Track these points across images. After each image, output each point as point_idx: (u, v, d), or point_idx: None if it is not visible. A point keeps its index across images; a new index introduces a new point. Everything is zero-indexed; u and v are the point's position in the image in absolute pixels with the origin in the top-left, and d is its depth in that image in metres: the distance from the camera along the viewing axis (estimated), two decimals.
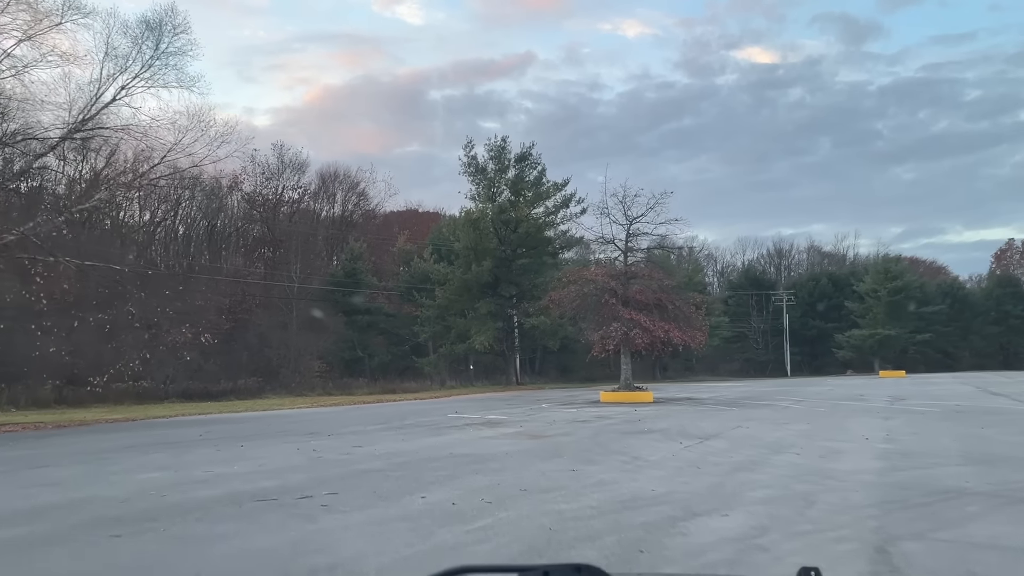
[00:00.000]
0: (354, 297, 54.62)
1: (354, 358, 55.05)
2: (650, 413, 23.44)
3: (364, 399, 36.71)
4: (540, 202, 46.74)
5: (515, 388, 46.80)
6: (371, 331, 56.52)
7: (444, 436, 16.72)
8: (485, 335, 43.85)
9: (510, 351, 48.61)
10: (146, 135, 29.14)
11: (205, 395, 42.72)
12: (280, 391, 45.98)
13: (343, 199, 68.79)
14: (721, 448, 13.50)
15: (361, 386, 50.38)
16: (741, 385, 50.35)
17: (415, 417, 22.81)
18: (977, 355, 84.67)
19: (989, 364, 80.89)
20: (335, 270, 55.13)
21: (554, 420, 21.02)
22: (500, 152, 46.79)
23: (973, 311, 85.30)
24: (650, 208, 30.59)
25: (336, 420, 22.54)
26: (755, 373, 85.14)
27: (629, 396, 30.11)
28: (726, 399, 31.40)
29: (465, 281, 45.33)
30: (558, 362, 68.39)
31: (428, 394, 42.49)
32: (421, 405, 31.10)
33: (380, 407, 30.45)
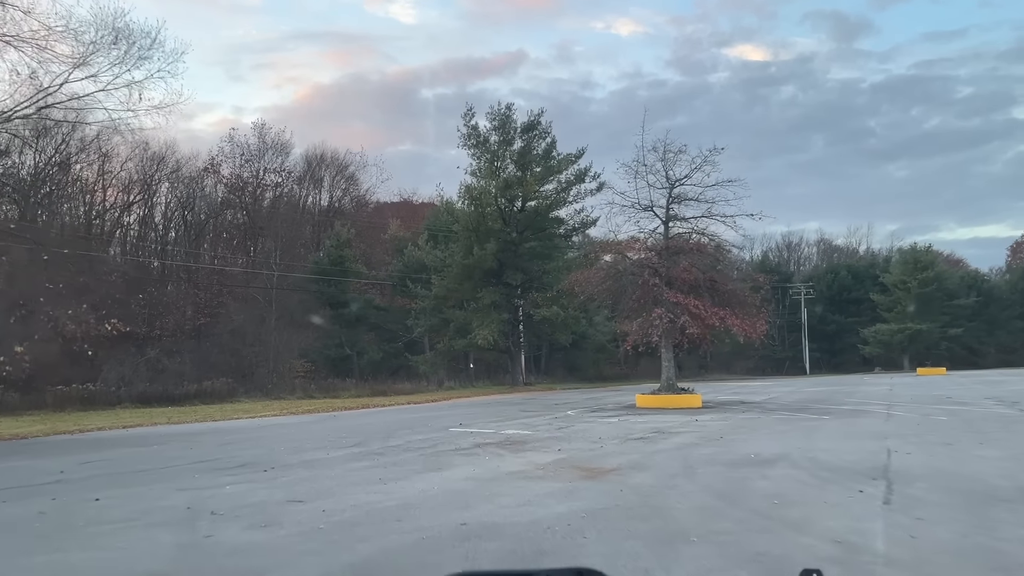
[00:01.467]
0: (340, 287, 48.24)
1: (341, 356, 48.67)
2: (721, 425, 17.18)
3: (348, 404, 30.37)
4: (550, 177, 40.46)
5: (522, 389, 40.52)
6: (360, 326, 50.11)
7: (447, 471, 10.38)
8: (489, 329, 37.56)
9: (516, 347, 42.29)
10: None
11: (165, 399, 36.35)
12: (255, 394, 39.60)
13: (331, 184, 62.43)
14: (947, 504, 7.20)
15: (348, 388, 44.03)
16: (777, 384, 44.10)
17: (405, 433, 16.47)
18: (1003, 351, 78.71)
19: (1015, 361, 75.06)
20: (319, 258, 48.73)
21: (599, 437, 14.72)
22: (504, 121, 40.51)
23: (999, 305, 79.30)
24: (696, 168, 24.33)
25: (297, 438, 16.20)
26: (772, 371, 78.91)
27: (673, 400, 23.85)
28: (788, 403, 25.17)
29: (465, 267, 38.99)
30: (565, 360, 62.05)
31: (424, 397, 36.16)
32: (415, 412, 24.77)
33: (364, 415, 24.10)
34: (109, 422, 23.19)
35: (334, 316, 48.48)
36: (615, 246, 25.11)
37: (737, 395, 30.61)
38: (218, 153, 56.47)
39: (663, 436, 14.89)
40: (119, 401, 34.77)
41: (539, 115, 40.58)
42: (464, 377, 52.28)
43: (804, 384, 42.88)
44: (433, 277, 40.76)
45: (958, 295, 70.94)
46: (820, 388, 36.93)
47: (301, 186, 61.00)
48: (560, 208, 40.87)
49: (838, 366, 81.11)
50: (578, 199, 40.83)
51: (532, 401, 30.22)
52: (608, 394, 35.40)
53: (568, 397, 33.31)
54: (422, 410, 25.99)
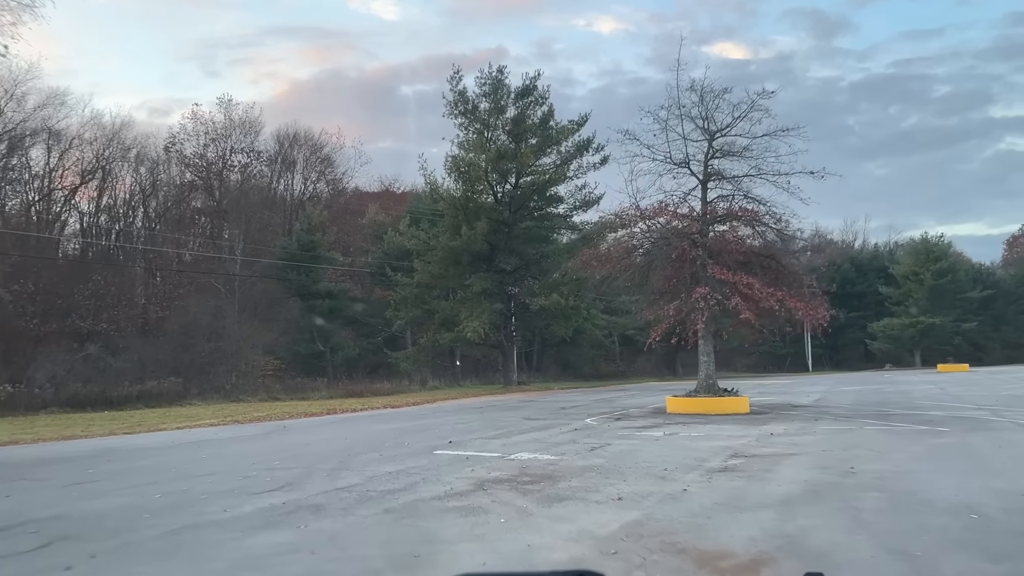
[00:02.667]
0: (311, 276, 42.72)
1: (313, 353, 43.18)
2: (816, 443, 12.00)
3: (311, 408, 24.95)
4: (548, 149, 35.20)
5: (517, 389, 35.26)
6: (334, 319, 44.60)
7: (431, 567, 5.12)
8: (479, 320, 32.22)
9: (509, 342, 36.94)
10: None
11: (102, 402, 30.77)
12: (210, 395, 34.06)
13: (304, 167, 56.80)
14: None
15: (319, 388, 38.57)
16: (799, 383, 39.15)
17: (370, 460, 11.13)
18: (1008, 347, 74.34)
19: (1020, 357, 70.78)
20: (288, 243, 43.15)
21: (664, 469, 9.47)
22: (496, 86, 35.17)
23: (1005, 299, 74.89)
24: (741, 117, 19.21)
25: (206, 468, 10.83)
26: (773, 368, 74.18)
27: (715, 404, 18.69)
28: (854, 408, 20.13)
29: (452, 250, 33.61)
30: (559, 357, 56.88)
31: (404, 398, 30.82)
32: (391, 420, 19.44)
33: (325, 426, 18.72)
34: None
35: (305, 308, 42.99)
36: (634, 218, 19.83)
37: (773, 396, 25.53)
38: (180, 131, 50.81)
39: (757, 463, 9.72)
40: (44, 405, 29.17)
41: (535, 79, 35.29)
42: (450, 376, 46.94)
43: (830, 383, 37.93)
44: (415, 262, 35.36)
45: (968, 288, 66.50)
46: (858, 387, 31.99)
47: (272, 168, 55.39)
48: (559, 184, 35.60)
49: (840, 363, 76.46)
50: (579, 174, 35.63)
51: (533, 404, 24.98)
52: (616, 395, 30.22)
53: (572, 398, 28.10)
54: (400, 417, 20.66)
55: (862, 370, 67.48)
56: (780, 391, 30.47)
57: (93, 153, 45.94)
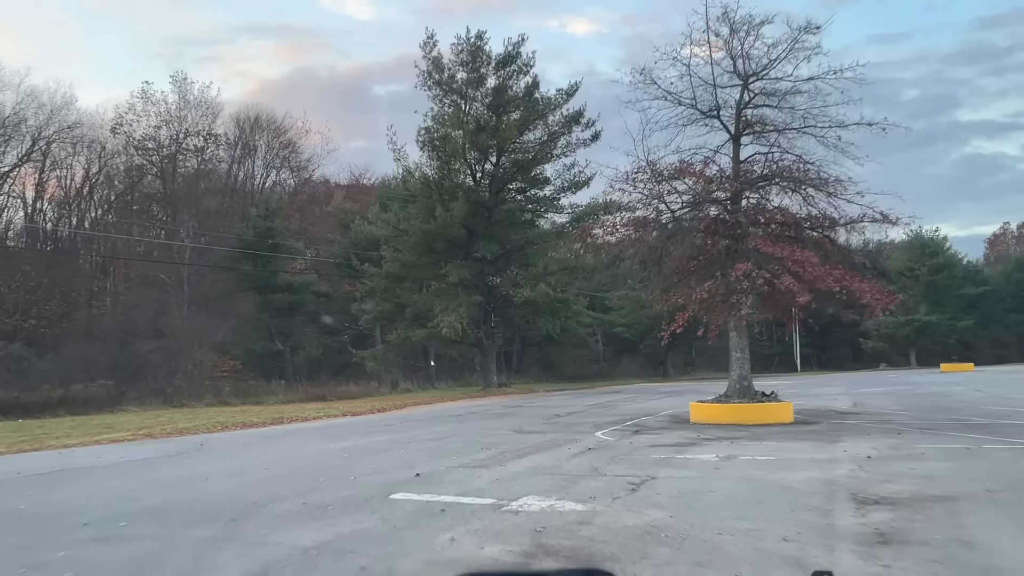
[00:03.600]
0: (270, 268, 38.33)
1: (271, 352, 38.83)
2: (933, 469, 8.10)
3: (255, 417, 20.66)
4: (533, 123, 31.20)
5: (497, 392, 31.19)
6: (295, 315, 40.28)
7: None
8: (456, 314, 28.10)
9: (489, 339, 32.79)
10: None
11: (18, 409, 26.45)
12: (149, 400, 29.65)
13: (266, 152, 52.24)
14: None
15: (276, 391, 34.24)
16: (812, 384, 35.53)
17: (281, 518, 6.97)
18: (997, 345, 71.62)
19: (1009, 356, 68.14)
20: (243, 230, 38.68)
21: (784, 538, 5.46)
22: (475, 53, 31.08)
23: (994, 296, 72.09)
24: (785, 54, 15.36)
25: (26, 530, 6.62)
26: (760, 368, 70.64)
27: (753, 412, 14.80)
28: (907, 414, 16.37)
29: (425, 235, 29.43)
30: (542, 356, 52.90)
31: (370, 403, 26.64)
32: (346, 436, 15.29)
33: (255, 444, 14.51)
34: None
35: (262, 303, 38.61)
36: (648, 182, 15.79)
37: (795, 400, 21.70)
38: (128, 110, 46.09)
39: (921, 520, 5.77)
40: None
41: (518, 44, 31.15)
42: (424, 377, 42.77)
43: (842, 384, 34.32)
44: (383, 249, 31.15)
45: (960, 285, 63.62)
46: (881, 389, 28.38)
47: (231, 154, 50.79)
48: (545, 163, 31.56)
49: (828, 363, 73.25)
50: (568, 152, 31.60)
51: (520, 411, 20.93)
52: (612, 398, 26.26)
53: (564, 403, 24.09)
54: (360, 429, 16.50)
55: (854, 370, 64.29)
56: (795, 393, 26.72)
57: (30, 133, 41.19)
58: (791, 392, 26.90)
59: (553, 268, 30.32)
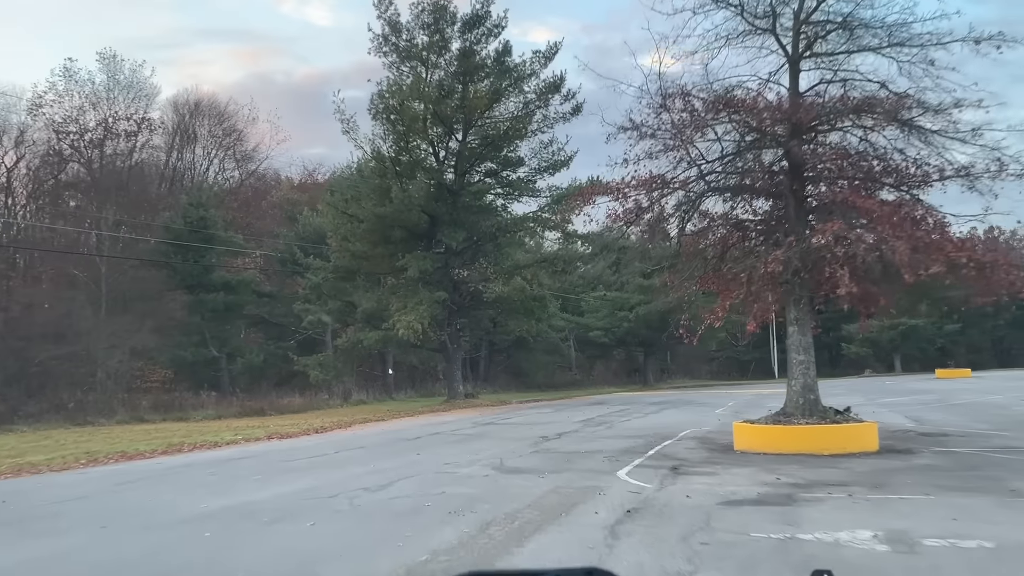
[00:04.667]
0: (204, 264, 33.13)
1: (205, 359, 33.60)
2: None
3: (154, 442, 15.64)
4: (506, 91, 26.62)
5: (464, 404, 26.46)
6: (233, 318, 35.09)
7: None
8: (415, 314, 23.34)
9: (454, 343, 27.98)
10: None
11: None
12: (48, 417, 24.39)
13: (208, 140, 46.82)
14: None
15: (207, 404, 29.15)
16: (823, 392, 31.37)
17: None
18: (972, 351, 68.94)
19: (982, 362, 65.35)
20: (171, 220, 33.37)
21: None
22: (438, 13, 26.48)
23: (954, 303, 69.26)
24: None
25: None
26: (736, 375, 67.09)
27: (826, 435, 10.42)
28: (1002, 436, 12.16)
29: (380, 220, 24.60)
30: (511, 364, 48.25)
31: (312, 420, 21.78)
32: (241, 483, 10.47)
33: (89, 499, 9.63)
34: None
35: (194, 303, 33.36)
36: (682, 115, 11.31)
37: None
38: (49, 90, 40.45)
39: None
40: None
41: (487, 3, 26.60)
42: (380, 387, 37.87)
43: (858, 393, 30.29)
44: (331, 238, 26.29)
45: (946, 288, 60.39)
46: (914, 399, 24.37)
47: (168, 141, 45.30)
48: (519, 139, 27.02)
49: None
50: (545, 127, 27.05)
51: (494, 431, 16.28)
52: (598, 411, 21.72)
53: (545, 420, 19.50)
54: (272, 465, 11.71)
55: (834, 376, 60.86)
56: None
57: None
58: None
59: (528, 260, 25.75)
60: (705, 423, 16.98)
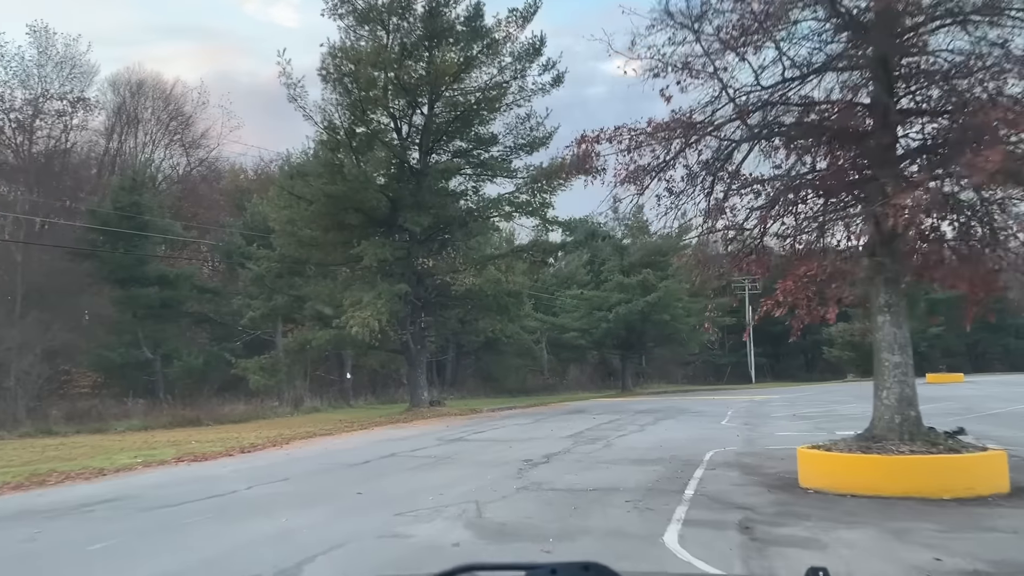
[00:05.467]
0: (136, 255, 29.14)
1: (137, 362, 29.62)
2: None
3: (11, 467, 11.92)
4: (477, 57, 23.13)
5: (429, 413, 22.88)
6: (171, 315, 31.12)
7: None
8: (372, 309, 19.77)
9: (417, 344, 24.35)
10: None
11: None
12: None
13: (152, 124, 42.61)
14: None
15: (135, 413, 25.27)
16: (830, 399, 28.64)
17: None
18: (947, 355, 67.10)
19: (957, 366, 63.42)
20: (97, 204, 29.32)
21: None
22: None
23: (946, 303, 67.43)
24: None
25: None
26: (713, 379, 64.32)
27: (936, 472, 7.11)
28: None
29: (331, 201, 20.94)
30: (480, 367, 44.78)
31: (244, 435, 18.08)
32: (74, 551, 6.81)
33: None
34: None
35: (125, 299, 29.36)
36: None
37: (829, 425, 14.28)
38: None
39: None
40: None
41: None
42: (337, 392, 34.18)
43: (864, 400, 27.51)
44: (275, 223, 22.60)
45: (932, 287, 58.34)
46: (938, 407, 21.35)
47: (109, 123, 41.04)
48: (494, 112, 23.60)
49: (782, 373, 67.37)
50: (522, 100, 23.65)
51: (465, 453, 12.81)
52: (585, 423, 18.36)
53: (524, 435, 16.09)
54: (157, 512, 8.12)
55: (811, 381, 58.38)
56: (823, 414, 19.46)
57: None
58: (808, 412, 18.96)
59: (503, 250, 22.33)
60: (722, 439, 13.74)
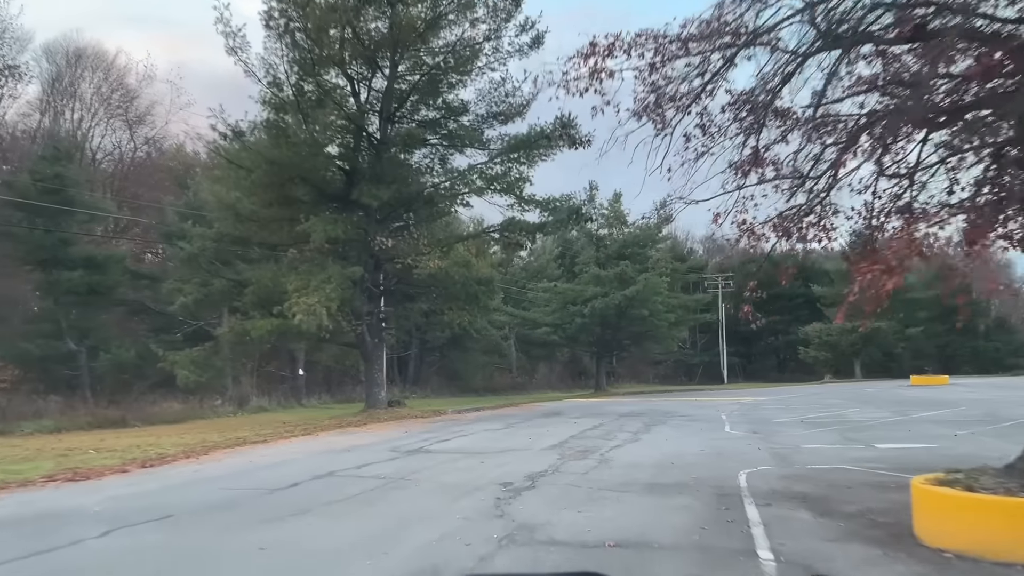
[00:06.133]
0: (59, 234, 25.73)
1: (61, 354, 26.22)
2: None
3: None
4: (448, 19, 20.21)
5: (387, 416, 19.95)
6: (99, 303, 27.74)
7: None
8: (321, 295, 16.83)
9: (375, 337, 21.34)
10: None
11: None
12: None
13: (93, 98, 38.94)
14: None
15: (49, 412, 21.98)
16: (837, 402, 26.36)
17: None
18: (917, 356, 65.69)
19: (929, 367, 62.13)
20: (14, 176, 25.86)
21: None
22: None
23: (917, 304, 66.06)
24: None
25: None
26: (685, 379, 62.17)
27: None
28: None
29: (275, 169, 17.85)
30: (443, 364, 41.86)
31: (169, 438, 15.02)
32: None
33: None
34: None
35: (46, 284, 25.94)
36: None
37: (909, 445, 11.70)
38: None
39: None
40: None
41: None
42: (288, 390, 31.06)
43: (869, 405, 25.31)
44: (211, 192, 19.47)
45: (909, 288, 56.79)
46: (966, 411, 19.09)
47: (44, 95, 37.30)
48: (464, 75, 20.76)
49: (754, 374, 65.52)
50: (497, 62, 20.84)
51: (427, 466, 9.97)
52: (567, 429, 15.65)
53: (499, 445, 13.31)
54: None
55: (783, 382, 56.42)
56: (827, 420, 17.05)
57: None
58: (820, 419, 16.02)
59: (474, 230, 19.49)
60: (742, 454, 11.11)
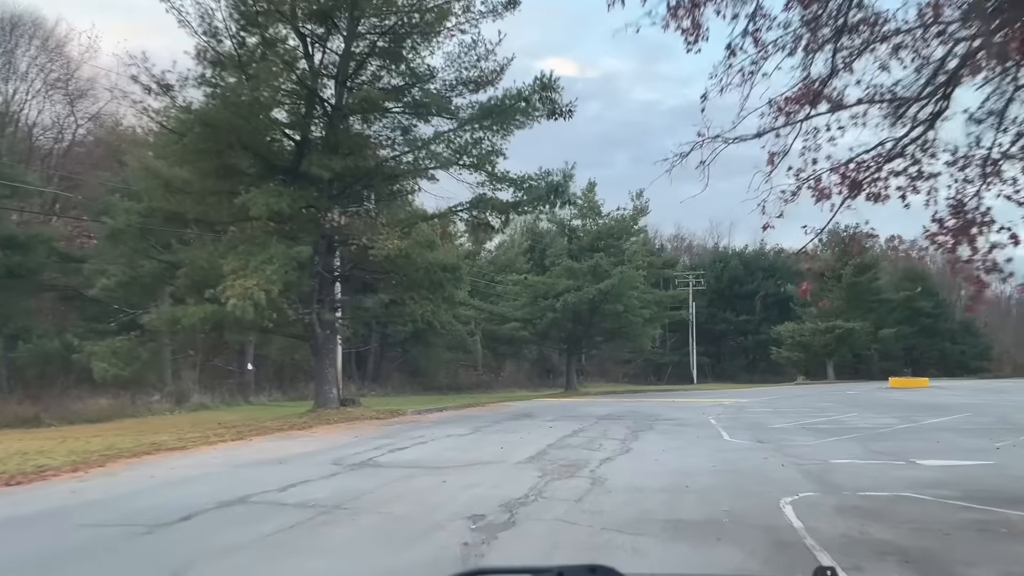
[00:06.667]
0: None
1: None
2: None
3: None
4: None
5: (337, 417, 17.52)
6: (21, 287, 24.85)
7: None
8: (260, 277, 14.48)
9: (325, 328, 18.86)
10: None
11: None
12: None
13: (30, 69, 35.66)
14: None
15: None
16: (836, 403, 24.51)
17: None
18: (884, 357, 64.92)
19: (896, 369, 61.39)
20: None
21: None
22: None
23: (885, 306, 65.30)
24: None
25: None
26: (654, 379, 60.44)
27: None
28: None
29: (209, 131, 15.47)
30: (404, 360, 39.45)
31: (73, 444, 12.52)
32: None
33: None
34: None
35: None
36: None
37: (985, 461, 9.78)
38: None
39: None
40: None
41: None
42: (236, 386, 28.44)
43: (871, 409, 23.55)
44: (131, 157, 16.87)
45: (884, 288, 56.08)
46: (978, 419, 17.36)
47: None
48: (431, 38, 18.41)
49: (723, 373, 64.04)
50: (468, 23, 18.54)
51: (373, 487, 7.68)
52: (546, 435, 13.45)
53: (464, 451, 11.05)
54: None
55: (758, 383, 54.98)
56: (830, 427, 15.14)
57: None
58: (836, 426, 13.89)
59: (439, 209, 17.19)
60: (764, 473, 9.02)
